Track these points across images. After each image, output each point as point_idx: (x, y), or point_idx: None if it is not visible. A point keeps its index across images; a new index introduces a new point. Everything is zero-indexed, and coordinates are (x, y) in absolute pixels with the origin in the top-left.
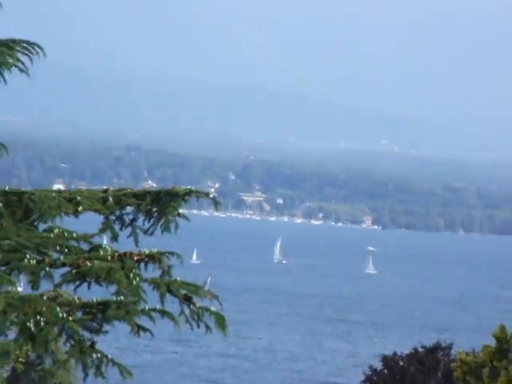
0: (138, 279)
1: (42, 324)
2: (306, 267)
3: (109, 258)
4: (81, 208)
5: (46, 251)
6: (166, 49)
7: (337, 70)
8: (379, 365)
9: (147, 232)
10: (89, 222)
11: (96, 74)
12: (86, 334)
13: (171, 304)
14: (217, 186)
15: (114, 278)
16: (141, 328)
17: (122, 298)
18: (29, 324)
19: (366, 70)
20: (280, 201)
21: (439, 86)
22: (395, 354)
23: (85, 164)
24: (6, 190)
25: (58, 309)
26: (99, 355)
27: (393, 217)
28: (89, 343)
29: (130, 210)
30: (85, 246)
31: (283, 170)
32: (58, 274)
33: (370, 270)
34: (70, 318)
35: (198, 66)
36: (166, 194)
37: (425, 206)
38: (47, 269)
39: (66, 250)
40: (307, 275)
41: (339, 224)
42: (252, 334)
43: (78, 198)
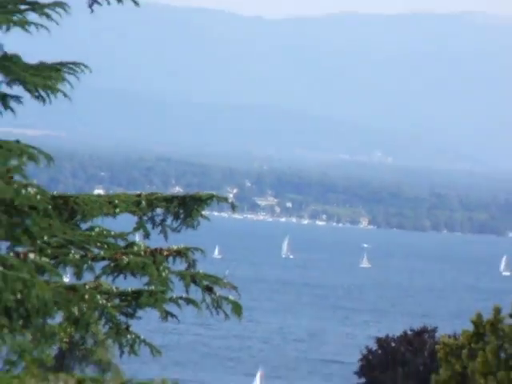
0: (166, 272)
1: (85, 309)
2: (310, 261)
3: (142, 253)
4: (118, 210)
5: (88, 247)
6: (183, 75)
7: (334, 92)
8: (374, 346)
9: (175, 230)
10: (125, 222)
11: (131, 96)
12: (122, 318)
13: (195, 293)
14: (235, 191)
15: (146, 271)
16: (168, 313)
17: (153, 287)
18: (73, 309)
19: (357, 93)
20: (289, 204)
21: (420, 105)
22: (387, 336)
23: (121, 172)
24: (54, 194)
25: (98, 296)
26: (133, 336)
27: (386, 218)
28: (124, 326)
29: (160, 211)
30: (121, 243)
31: (292, 178)
32: (98, 267)
33: (365, 264)
34: (109, 305)
35: (214, 89)
36: (191, 198)
37: (413, 209)
38: (89, 262)
39: (105, 246)
40: (310, 268)
41: (340, 224)
42: (264, 318)
43: (116, 201)
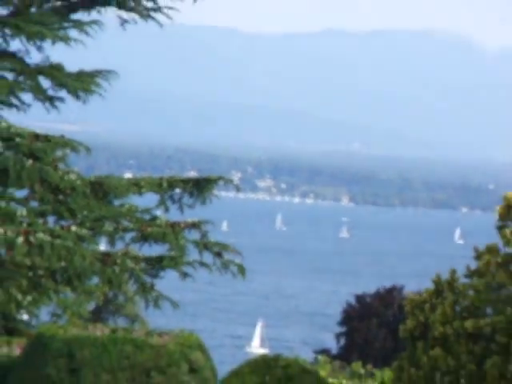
0: (183, 240)
1: (117, 271)
2: (299, 233)
3: (163, 225)
4: (143, 190)
5: (119, 220)
6: (195, 79)
7: (320, 95)
8: (353, 301)
9: (190, 206)
10: (149, 199)
11: (154, 100)
12: (148, 279)
13: (207, 257)
14: (239, 175)
15: (167, 240)
16: (186, 274)
17: (173, 253)
18: (107, 271)
19: (340, 96)
20: (283, 186)
21: (391, 105)
22: (364, 293)
23: (146, 160)
24: (91, 179)
25: (128, 261)
26: (156, 293)
27: (363, 197)
28: (149, 285)
29: (178, 191)
30: (146, 217)
31: (285, 164)
32: (128, 236)
33: (344, 234)
34: (137, 267)
35: (223, 93)
36: (204, 180)
37: (385, 189)
38: (120, 233)
39: (133, 219)
40: (299, 238)
41: (325, 202)
42: (262, 279)
43: (142, 183)
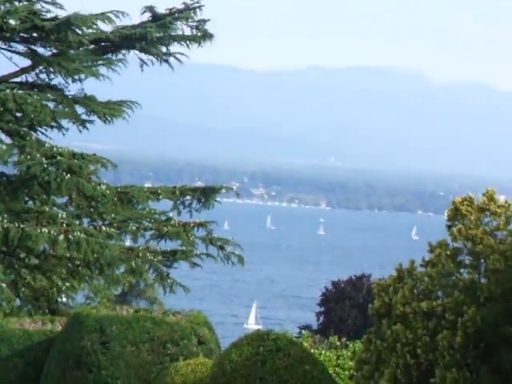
0: (193, 237)
1: (139, 263)
2: (285, 231)
3: (176, 225)
4: (160, 197)
5: (141, 221)
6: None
7: (302, 118)
8: (330, 286)
9: (198, 210)
10: (164, 204)
11: (167, 122)
12: (164, 268)
13: (212, 250)
14: (237, 185)
15: (179, 237)
16: (195, 264)
17: (184, 247)
18: (131, 263)
19: (318, 117)
20: (273, 193)
21: (360, 125)
22: (339, 280)
23: (162, 172)
24: (118, 189)
25: (147, 254)
26: (171, 280)
27: (337, 202)
28: (166, 273)
29: (188, 197)
30: (163, 218)
31: (275, 175)
32: (148, 234)
33: (321, 232)
34: (155, 259)
35: (221, 117)
36: (209, 188)
37: (355, 195)
38: (142, 231)
39: (152, 220)
40: (285, 235)
41: (307, 206)
42: (256, 268)
43: (159, 191)
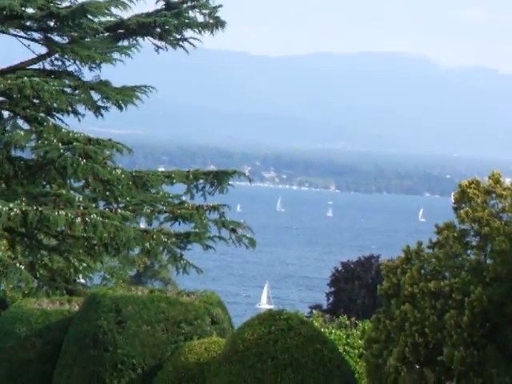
0: (206, 220)
1: (153, 245)
2: (295, 213)
3: (190, 208)
4: (174, 181)
5: (155, 204)
6: (212, 90)
7: (314, 101)
8: (339, 266)
9: (211, 194)
10: (178, 188)
11: (182, 107)
12: (178, 250)
13: (225, 233)
14: (249, 168)
15: (193, 219)
16: (208, 246)
17: (197, 230)
18: (146, 244)
19: (328, 102)
20: (284, 176)
21: (370, 111)
22: (348, 260)
23: (176, 156)
24: (133, 173)
25: (161, 236)
26: (185, 261)
27: (346, 185)
28: (179, 255)
29: (201, 181)
30: (176, 201)
31: (286, 159)
32: (162, 217)
33: (329, 214)
34: (169, 241)
35: (234, 102)
36: (222, 172)
37: (364, 178)
38: (156, 214)
39: (166, 203)
40: (294, 217)
41: (317, 189)
42: (267, 250)
43: (173, 175)
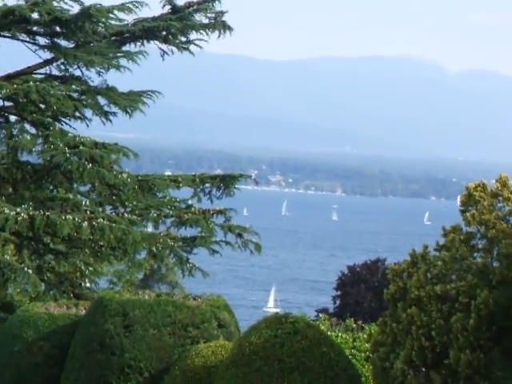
0: (212, 224)
1: (160, 248)
2: (300, 216)
3: (196, 212)
4: (180, 185)
5: (161, 209)
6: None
7: (320, 108)
8: (345, 270)
9: (217, 198)
10: (185, 192)
11: (188, 111)
12: (184, 254)
13: (231, 237)
14: (255, 172)
15: (199, 224)
16: (213, 251)
17: (204, 234)
18: (153, 248)
19: (334, 108)
20: (290, 180)
21: (374, 115)
22: (354, 264)
23: (182, 160)
24: (139, 177)
25: (168, 240)
26: (191, 265)
27: (352, 188)
28: (185, 259)
29: (208, 185)
30: (183, 206)
31: (292, 163)
32: (168, 221)
33: (334, 217)
34: (175, 245)
35: (241, 106)
36: (228, 176)
37: (370, 182)
38: (162, 218)
39: (172, 208)
40: (300, 221)
41: (323, 193)
42: (273, 253)
43: (179, 179)
